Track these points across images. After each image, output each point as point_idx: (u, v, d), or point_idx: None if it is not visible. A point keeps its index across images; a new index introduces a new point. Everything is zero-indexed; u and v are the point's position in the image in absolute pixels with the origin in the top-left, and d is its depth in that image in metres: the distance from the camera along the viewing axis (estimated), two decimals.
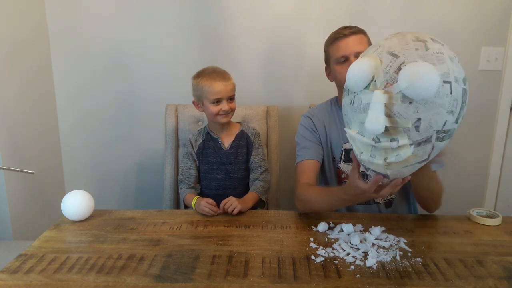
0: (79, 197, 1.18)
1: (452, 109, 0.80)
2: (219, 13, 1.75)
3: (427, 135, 0.81)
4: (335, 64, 1.29)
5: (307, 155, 1.32)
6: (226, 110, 1.33)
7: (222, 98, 1.32)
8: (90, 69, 1.82)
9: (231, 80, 1.35)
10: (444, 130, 0.82)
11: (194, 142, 1.43)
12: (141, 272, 0.91)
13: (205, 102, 1.35)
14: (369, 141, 0.85)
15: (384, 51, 0.83)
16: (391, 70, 0.80)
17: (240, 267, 0.93)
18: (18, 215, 1.58)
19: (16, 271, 0.91)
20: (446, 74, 0.79)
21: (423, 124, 0.80)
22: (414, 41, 0.82)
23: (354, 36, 1.25)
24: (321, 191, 1.21)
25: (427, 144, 0.82)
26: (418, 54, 0.80)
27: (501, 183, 1.91)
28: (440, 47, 0.82)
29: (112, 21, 1.76)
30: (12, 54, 1.55)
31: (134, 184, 1.96)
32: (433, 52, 0.80)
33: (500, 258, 0.99)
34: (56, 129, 1.87)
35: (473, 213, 1.22)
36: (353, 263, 0.96)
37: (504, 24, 1.76)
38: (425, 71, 0.77)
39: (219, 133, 1.43)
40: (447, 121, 0.81)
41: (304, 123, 1.38)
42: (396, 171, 0.88)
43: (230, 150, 1.41)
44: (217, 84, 1.31)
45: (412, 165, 0.87)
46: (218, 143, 1.42)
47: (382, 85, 0.80)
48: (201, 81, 1.33)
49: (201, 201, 1.24)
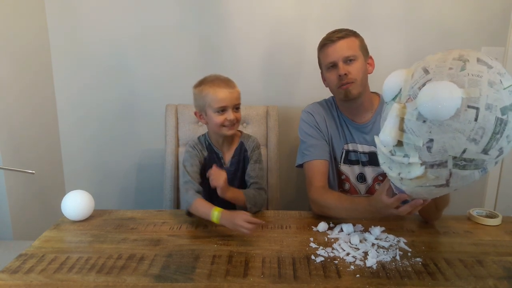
0: (79, 197, 1.18)
1: (474, 137, 0.74)
2: (219, 13, 1.75)
3: (441, 158, 0.77)
4: (325, 71, 1.29)
5: (316, 155, 1.30)
6: (231, 120, 1.22)
7: (227, 106, 1.21)
8: (90, 69, 1.82)
9: (236, 87, 1.25)
10: (464, 158, 0.76)
11: (199, 152, 1.30)
12: (141, 272, 0.91)
13: (209, 112, 1.23)
14: (387, 152, 0.85)
15: (421, 66, 0.81)
16: (416, 85, 0.78)
17: (240, 267, 0.93)
18: (18, 215, 1.58)
19: (16, 271, 0.91)
20: (474, 99, 0.72)
21: (436, 146, 0.76)
22: (454, 59, 0.77)
23: (342, 40, 1.24)
24: (341, 197, 1.20)
25: (441, 169, 0.79)
26: (449, 73, 0.75)
27: (501, 183, 1.91)
28: (483, 69, 0.75)
29: (112, 21, 1.76)
30: (13, 55, 1.55)
31: (134, 184, 1.96)
32: (467, 74, 0.74)
33: (500, 258, 0.99)
34: (56, 129, 1.87)
35: (473, 213, 1.22)
36: (353, 263, 0.96)
37: (504, 24, 1.76)
38: (443, 92, 0.72)
39: (221, 147, 1.32)
40: (467, 149, 0.75)
41: (307, 119, 1.36)
42: (411, 188, 0.86)
43: (230, 168, 1.31)
44: (222, 91, 1.21)
45: (427, 187, 0.84)
46: (220, 159, 1.32)
47: (404, 99, 0.80)
48: (204, 89, 1.23)
49: (235, 215, 1.06)
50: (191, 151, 1.29)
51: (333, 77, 1.26)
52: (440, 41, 1.75)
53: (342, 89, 1.25)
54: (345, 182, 1.37)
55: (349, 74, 1.23)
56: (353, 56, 1.24)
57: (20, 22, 1.60)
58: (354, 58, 1.24)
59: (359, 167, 1.34)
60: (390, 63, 1.76)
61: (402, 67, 0.87)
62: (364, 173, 1.35)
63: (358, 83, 1.24)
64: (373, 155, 1.32)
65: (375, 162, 1.33)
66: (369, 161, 1.33)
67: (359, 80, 1.24)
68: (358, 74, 1.24)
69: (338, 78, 1.24)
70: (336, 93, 1.30)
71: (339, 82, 1.24)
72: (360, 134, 1.33)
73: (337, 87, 1.26)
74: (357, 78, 1.24)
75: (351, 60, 1.24)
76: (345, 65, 1.23)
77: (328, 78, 1.29)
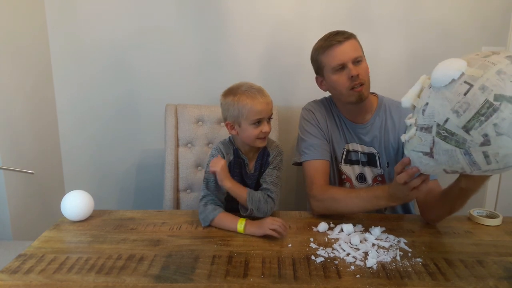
0: (79, 197, 1.18)
1: (458, 110, 0.76)
2: (219, 13, 1.75)
3: (428, 123, 0.83)
4: (332, 74, 1.24)
5: (317, 155, 1.28)
6: (266, 132, 1.17)
7: (264, 118, 1.16)
8: (90, 69, 1.82)
9: (269, 96, 1.19)
10: (445, 128, 0.79)
11: (226, 155, 1.23)
12: (141, 272, 0.91)
13: (244, 124, 1.17)
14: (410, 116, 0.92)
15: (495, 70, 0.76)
16: None
17: (240, 267, 0.93)
18: (18, 215, 1.58)
19: (16, 271, 0.91)
20: (473, 77, 0.76)
21: (428, 110, 0.83)
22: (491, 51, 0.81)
23: (348, 42, 1.21)
24: (348, 190, 1.21)
25: (427, 134, 0.84)
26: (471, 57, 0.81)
27: (501, 183, 1.91)
28: (503, 61, 0.76)
29: (112, 21, 1.76)
30: (12, 54, 1.55)
31: (134, 184, 1.95)
32: (485, 60, 0.78)
33: (501, 258, 0.99)
34: (56, 129, 1.87)
35: (473, 213, 1.22)
36: (353, 263, 0.96)
37: (504, 24, 1.75)
38: (449, 64, 0.80)
39: (248, 154, 1.26)
40: (449, 118, 0.78)
41: (307, 117, 1.35)
42: (408, 152, 0.92)
43: (254, 173, 1.27)
44: (259, 102, 1.14)
45: (417, 153, 0.88)
46: (246, 165, 1.26)
47: None
48: (241, 99, 1.15)
49: (262, 220, 1.10)
50: (216, 154, 1.23)
51: (343, 79, 1.22)
52: (440, 41, 1.75)
53: (355, 91, 1.21)
54: (346, 182, 1.36)
55: (360, 75, 1.20)
56: (360, 57, 1.22)
57: (20, 22, 1.60)
58: (361, 59, 1.23)
59: (359, 167, 1.34)
60: (390, 63, 1.77)
61: (402, 67, 0.88)
62: (364, 173, 1.34)
63: (367, 84, 1.23)
64: (371, 156, 1.32)
65: (373, 163, 1.33)
66: (368, 162, 1.33)
67: (367, 81, 1.23)
68: (366, 75, 1.23)
69: (350, 80, 1.20)
70: (346, 95, 1.24)
71: (351, 84, 1.21)
72: (359, 135, 1.32)
73: (348, 90, 1.22)
74: (366, 79, 1.23)
75: (359, 61, 1.22)
76: (355, 66, 1.21)
77: (336, 81, 1.23)
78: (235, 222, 1.12)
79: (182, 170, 1.60)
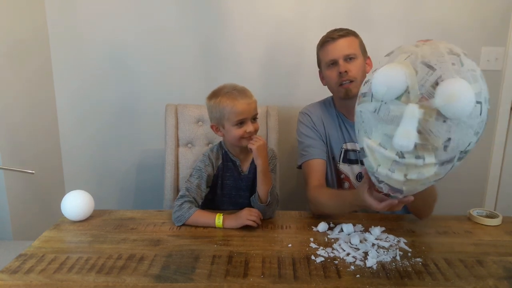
0: (79, 197, 1.18)
1: (478, 131, 0.77)
2: (219, 13, 1.75)
3: (452, 155, 0.78)
4: (325, 69, 1.29)
5: (313, 155, 1.31)
6: (250, 132, 1.18)
7: (246, 118, 1.18)
8: (90, 69, 1.82)
9: (252, 97, 1.21)
10: (466, 150, 0.79)
11: (214, 160, 1.26)
12: (141, 272, 0.91)
13: (227, 125, 1.19)
14: (392, 155, 0.79)
15: (418, 60, 0.77)
16: (427, 83, 0.75)
17: (240, 267, 0.93)
18: (18, 215, 1.58)
19: (16, 271, 0.91)
20: (478, 94, 0.75)
21: (452, 144, 0.76)
22: (448, 53, 0.77)
23: (343, 39, 1.25)
24: (332, 194, 1.21)
25: (449, 164, 0.80)
26: (455, 69, 0.75)
27: (501, 183, 1.91)
28: (472, 64, 0.78)
29: (112, 21, 1.76)
30: (13, 54, 1.55)
31: (134, 184, 1.95)
32: (468, 69, 0.76)
33: (500, 258, 0.99)
34: (56, 129, 1.87)
35: (473, 213, 1.22)
36: (353, 263, 0.96)
37: (504, 24, 1.75)
38: (464, 91, 0.73)
39: (238, 156, 1.28)
40: (471, 142, 0.78)
41: (303, 120, 1.37)
42: (412, 187, 0.85)
43: (248, 175, 1.28)
44: (240, 103, 1.16)
45: (429, 183, 0.84)
46: (237, 166, 1.28)
47: (416, 99, 0.75)
48: (222, 101, 1.17)
49: (238, 212, 1.14)
50: (199, 164, 1.26)
51: (333, 75, 1.26)
52: None
53: (343, 87, 1.25)
54: (345, 181, 1.37)
55: (349, 72, 1.23)
56: (353, 54, 1.25)
57: (20, 22, 1.60)
58: (354, 57, 1.25)
59: (359, 166, 1.34)
60: None
61: None
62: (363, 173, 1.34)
63: (358, 81, 1.24)
64: None
65: None
66: None
67: (359, 78, 1.24)
68: (358, 73, 1.25)
69: (338, 76, 1.24)
70: (336, 91, 1.30)
71: (339, 80, 1.25)
72: None
73: (337, 86, 1.26)
74: (357, 76, 1.24)
75: (351, 58, 1.25)
76: (346, 63, 1.24)
77: (328, 76, 1.29)
78: (213, 217, 1.14)
79: (182, 170, 1.60)
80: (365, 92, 0.85)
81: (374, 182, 0.90)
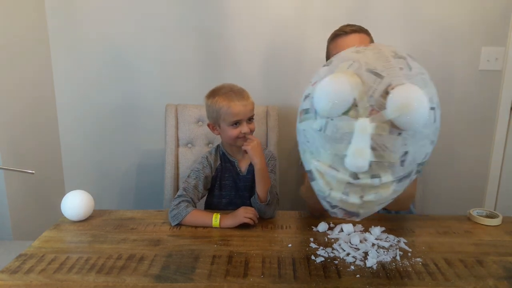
0: (79, 197, 1.18)
1: (433, 139, 0.71)
2: (219, 13, 1.75)
3: (410, 169, 0.71)
4: None
5: None
6: (246, 133, 1.20)
7: (242, 119, 1.19)
8: (90, 69, 1.82)
9: (250, 99, 1.22)
10: (422, 162, 0.72)
11: (213, 162, 1.28)
12: (141, 272, 0.91)
13: (222, 125, 1.21)
14: (346, 177, 0.70)
15: (363, 68, 0.68)
16: (376, 93, 0.66)
17: (240, 267, 0.93)
18: (18, 215, 1.58)
19: (16, 271, 0.91)
20: (431, 99, 0.68)
21: (409, 158, 0.69)
22: (394, 57, 0.70)
23: (355, 34, 1.22)
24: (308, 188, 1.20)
25: (406, 180, 0.72)
26: (404, 74, 0.68)
27: (501, 183, 1.91)
28: (419, 66, 0.72)
29: (112, 21, 1.76)
30: (12, 53, 1.55)
31: (134, 184, 1.95)
32: (417, 73, 0.69)
33: (500, 258, 0.99)
34: (56, 129, 1.87)
35: (473, 213, 1.22)
36: (353, 263, 0.96)
37: (504, 24, 1.75)
38: (417, 98, 0.65)
39: (236, 156, 1.29)
40: (427, 153, 0.72)
41: None
42: (369, 209, 0.77)
43: (247, 175, 1.29)
44: (235, 104, 1.17)
45: (387, 202, 0.76)
46: (235, 167, 1.29)
47: (366, 112, 0.66)
48: (218, 101, 1.19)
49: (235, 211, 1.14)
50: (197, 165, 1.28)
51: None
52: (440, 41, 1.75)
53: None
54: None
55: None
56: None
57: (20, 22, 1.60)
58: None
59: None
60: None
61: None
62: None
63: None
64: None
65: None
66: None
67: None
68: None
69: None
70: None
71: None
72: None
73: None
74: None
75: None
76: None
77: None
78: (210, 217, 1.14)
79: (182, 170, 1.60)
80: (307, 109, 0.75)
81: (325, 207, 0.80)
